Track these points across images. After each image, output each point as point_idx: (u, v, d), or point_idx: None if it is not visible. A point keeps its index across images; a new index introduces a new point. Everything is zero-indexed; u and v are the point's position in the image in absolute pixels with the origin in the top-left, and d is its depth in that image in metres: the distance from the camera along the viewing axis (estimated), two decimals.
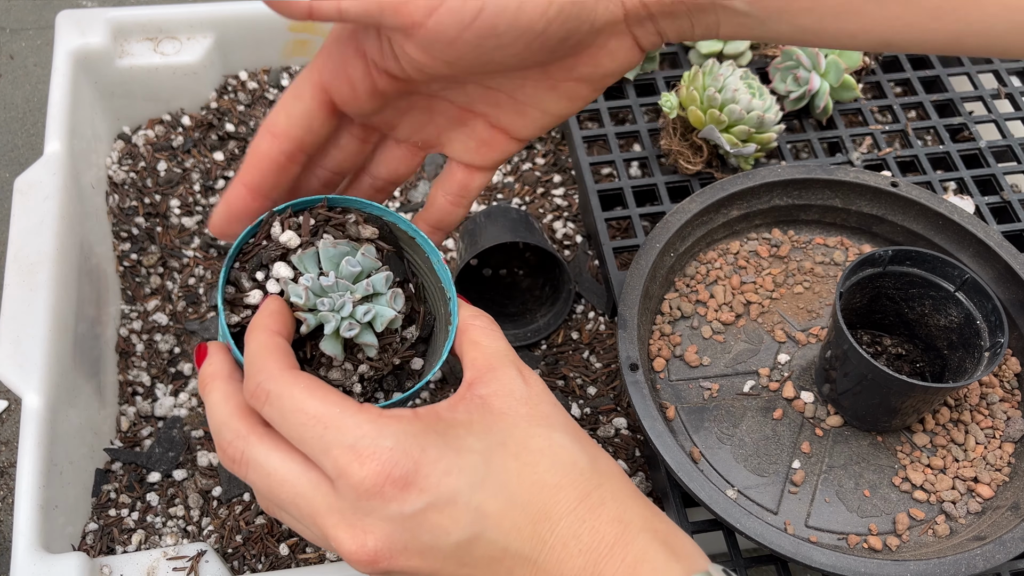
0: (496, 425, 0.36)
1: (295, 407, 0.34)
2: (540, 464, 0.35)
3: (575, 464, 0.35)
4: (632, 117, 0.70)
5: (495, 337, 0.39)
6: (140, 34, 0.72)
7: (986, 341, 0.50)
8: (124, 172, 0.71)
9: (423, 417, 0.35)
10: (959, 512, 0.51)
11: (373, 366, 0.40)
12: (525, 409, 0.37)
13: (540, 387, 0.38)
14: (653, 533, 0.34)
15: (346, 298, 0.38)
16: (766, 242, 0.62)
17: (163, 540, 0.55)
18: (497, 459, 0.35)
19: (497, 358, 0.38)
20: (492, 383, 0.37)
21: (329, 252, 0.39)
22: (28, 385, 0.52)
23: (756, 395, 0.55)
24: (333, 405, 0.34)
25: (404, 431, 0.34)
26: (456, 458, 0.34)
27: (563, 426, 0.37)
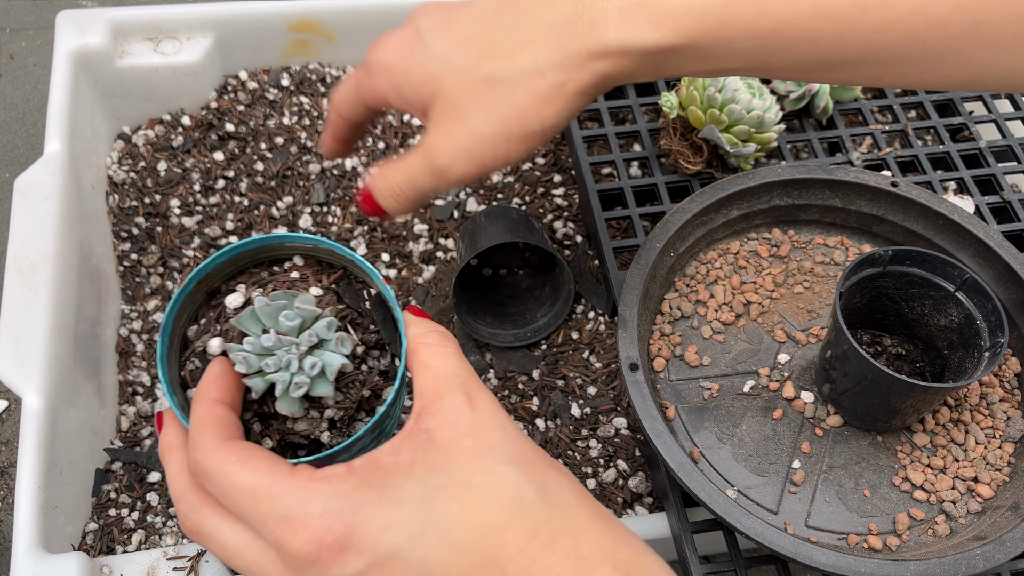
0: (439, 464, 0.34)
1: (228, 482, 0.33)
2: (483, 503, 0.33)
3: (521, 499, 0.34)
4: (632, 117, 0.70)
5: (446, 356, 0.38)
6: (140, 34, 0.72)
7: (986, 341, 0.50)
8: (124, 172, 0.71)
9: (358, 471, 0.34)
10: (959, 512, 0.51)
11: (340, 408, 0.39)
12: (470, 442, 0.35)
13: (488, 411, 0.36)
14: (614, 565, 0.33)
15: (291, 354, 0.37)
16: (766, 242, 0.62)
17: (163, 540, 0.55)
18: (438, 504, 0.33)
19: (445, 382, 0.37)
20: (438, 414, 0.36)
21: (265, 310, 0.37)
22: (28, 385, 0.52)
23: (756, 395, 0.55)
24: (264, 475, 0.33)
25: (334, 493, 0.33)
26: (393, 512, 0.32)
27: (510, 456, 0.35)
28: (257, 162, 0.72)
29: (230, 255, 0.40)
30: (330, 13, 0.75)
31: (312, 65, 0.78)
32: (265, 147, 0.73)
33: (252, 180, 0.71)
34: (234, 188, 0.71)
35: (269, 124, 0.74)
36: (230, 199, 0.70)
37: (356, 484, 0.33)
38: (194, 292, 0.39)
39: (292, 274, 0.41)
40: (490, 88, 0.40)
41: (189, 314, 0.40)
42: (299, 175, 0.72)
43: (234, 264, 0.40)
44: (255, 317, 0.38)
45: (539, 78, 0.40)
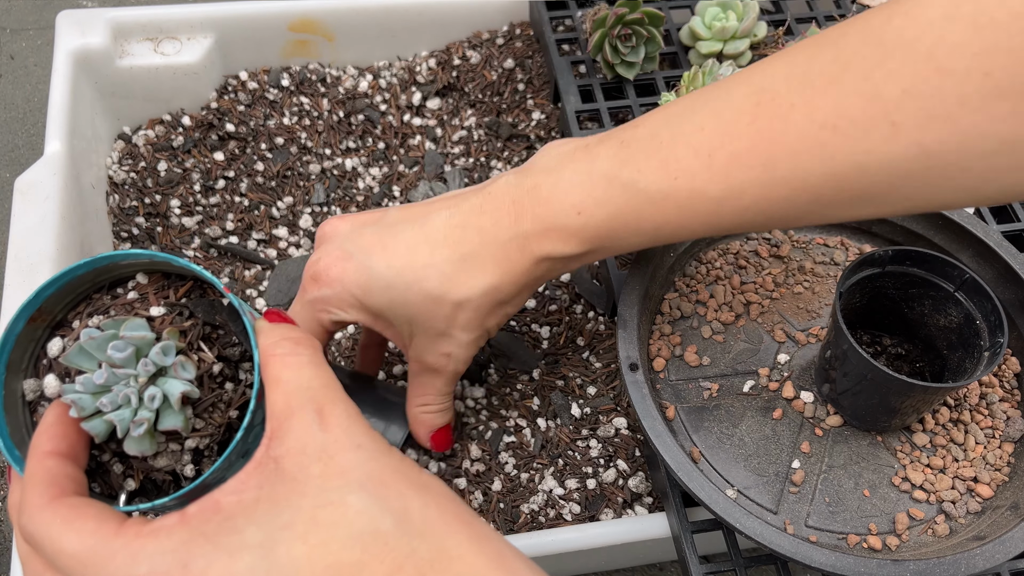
0: (284, 499, 0.31)
1: (55, 549, 0.31)
2: (333, 541, 0.30)
3: (376, 532, 0.30)
4: (632, 117, 0.70)
5: (298, 366, 0.35)
6: (140, 34, 0.72)
7: (986, 341, 0.50)
8: (124, 172, 0.71)
9: (191, 519, 0.31)
10: (959, 512, 0.51)
11: (203, 433, 0.35)
12: (318, 468, 0.32)
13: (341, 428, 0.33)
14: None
15: (129, 388, 0.33)
16: (766, 242, 0.62)
17: None
18: (281, 548, 0.30)
19: (296, 397, 0.34)
20: (287, 437, 0.33)
21: (91, 344, 0.34)
22: None
23: (756, 395, 0.55)
24: (88, 536, 0.31)
25: (161, 550, 0.30)
26: (229, 562, 0.30)
27: (361, 483, 0.32)
28: (257, 162, 0.72)
29: (62, 283, 0.36)
30: (330, 13, 0.75)
31: (312, 65, 0.78)
32: (265, 147, 0.73)
33: (252, 180, 0.72)
34: (234, 188, 0.71)
35: (269, 124, 0.74)
36: (230, 199, 0.70)
37: (186, 536, 0.30)
38: (29, 329, 0.36)
39: (130, 295, 0.37)
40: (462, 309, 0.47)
41: (30, 353, 0.36)
42: (299, 175, 0.72)
43: (72, 292, 0.37)
44: (84, 352, 0.34)
45: (497, 293, 0.47)
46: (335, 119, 0.75)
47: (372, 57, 0.79)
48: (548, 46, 0.73)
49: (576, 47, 0.76)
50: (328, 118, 0.75)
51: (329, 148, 0.74)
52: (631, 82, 0.72)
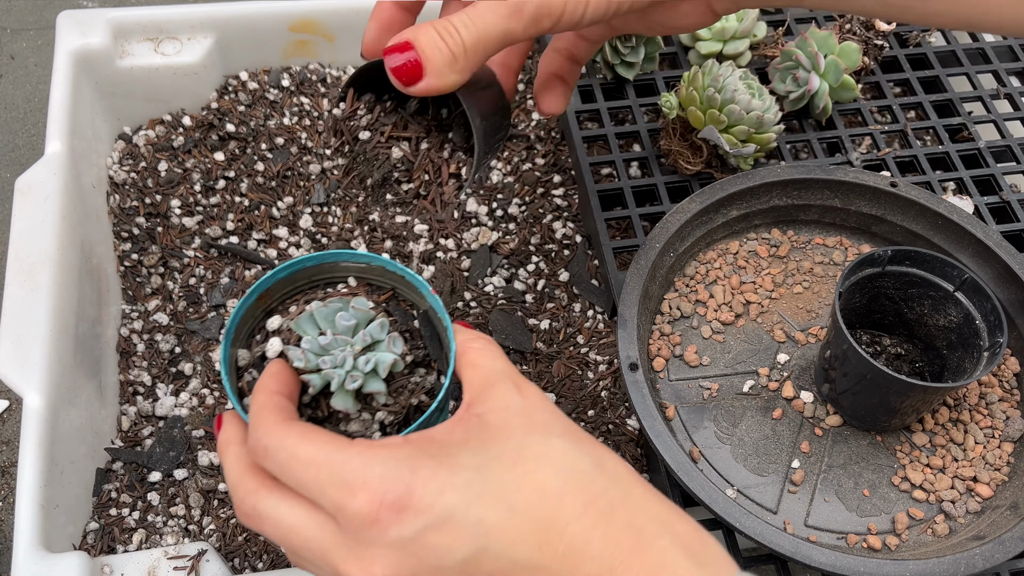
0: (491, 440, 0.35)
1: (290, 455, 0.35)
2: (539, 471, 0.34)
3: (576, 468, 0.34)
4: (632, 117, 0.70)
5: (493, 356, 0.39)
6: (140, 34, 0.72)
7: (985, 341, 0.50)
8: (125, 172, 0.71)
9: (414, 442, 0.35)
10: (958, 512, 0.51)
11: (390, 411, 0.40)
12: (521, 420, 0.36)
13: (537, 398, 0.38)
14: (672, 538, 0.33)
15: (346, 352, 0.39)
16: (765, 242, 0.62)
17: (164, 539, 0.55)
18: (493, 472, 0.34)
19: (494, 376, 0.38)
20: (488, 400, 0.37)
21: (322, 312, 0.40)
22: (29, 385, 0.52)
23: (756, 395, 0.56)
24: (324, 445, 0.35)
25: (392, 457, 0.34)
26: (449, 476, 0.33)
27: (562, 432, 0.36)
28: (257, 162, 0.73)
29: (288, 272, 0.42)
30: (330, 13, 0.75)
31: (312, 65, 0.78)
32: (265, 147, 0.73)
33: (252, 180, 0.72)
34: (234, 188, 0.71)
35: (269, 124, 0.74)
36: (230, 199, 0.70)
37: (413, 452, 0.34)
38: (253, 306, 0.42)
39: (342, 290, 0.43)
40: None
41: (248, 328, 0.42)
42: (299, 175, 0.72)
43: (291, 283, 0.43)
44: (312, 320, 0.40)
45: None
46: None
47: None
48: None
49: None
50: (328, 118, 0.75)
51: (329, 148, 0.74)
52: (631, 82, 0.72)
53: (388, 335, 0.40)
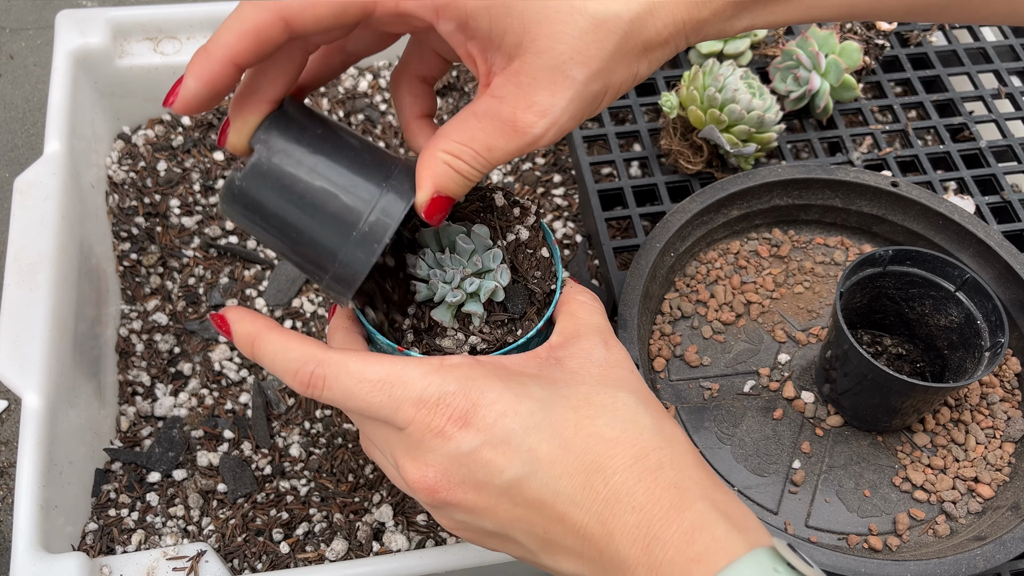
0: (562, 380, 0.37)
1: (359, 378, 0.36)
2: (600, 418, 0.35)
3: (636, 422, 0.35)
4: (632, 117, 0.70)
5: (592, 312, 0.41)
6: (140, 34, 0.72)
7: (986, 341, 0.50)
8: (124, 172, 0.71)
9: (485, 364, 0.37)
10: (959, 512, 0.51)
11: (484, 338, 0.42)
12: (598, 371, 0.37)
13: (621, 355, 0.39)
14: (712, 502, 0.33)
15: (457, 271, 0.41)
16: (766, 242, 0.62)
17: (163, 540, 0.55)
18: (557, 408, 0.35)
19: (586, 328, 0.40)
20: (572, 347, 0.39)
21: (448, 230, 0.42)
22: (28, 385, 0.52)
23: (756, 395, 0.55)
24: (393, 364, 0.36)
25: (465, 376, 0.35)
26: (514, 402, 0.35)
27: (633, 389, 0.37)
28: None
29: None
30: None
31: None
32: None
33: None
34: None
35: None
36: None
37: (484, 372, 0.36)
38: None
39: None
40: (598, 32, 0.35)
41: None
42: None
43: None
44: (435, 236, 0.43)
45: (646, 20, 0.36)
46: (335, 119, 0.75)
47: (372, 57, 0.79)
48: None
49: None
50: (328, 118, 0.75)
51: None
52: None
53: (499, 265, 0.42)
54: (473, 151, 0.36)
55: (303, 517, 0.55)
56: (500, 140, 0.36)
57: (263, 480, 0.57)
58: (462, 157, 0.36)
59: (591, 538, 0.34)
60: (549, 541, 0.35)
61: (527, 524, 0.35)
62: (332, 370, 0.36)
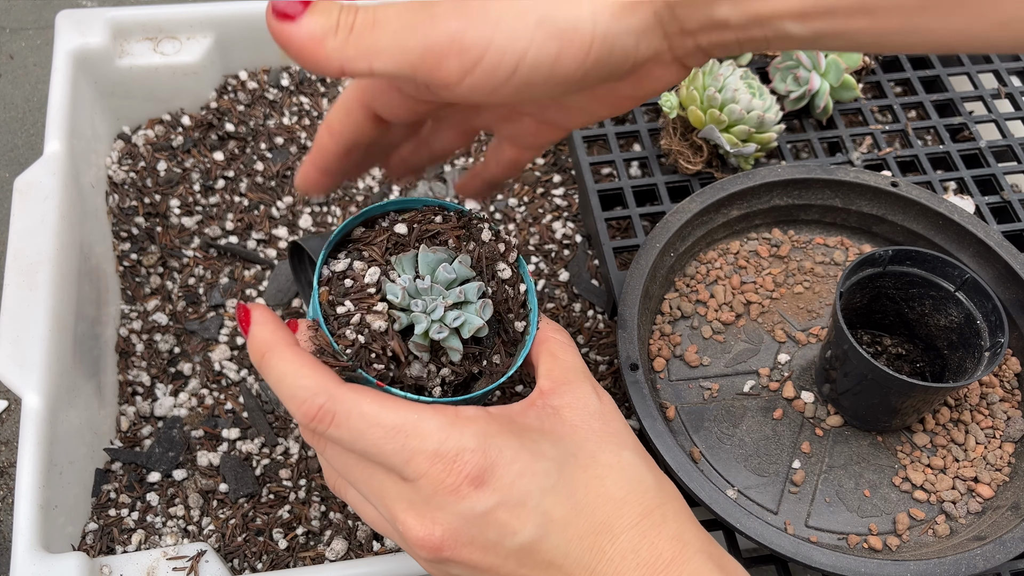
0: (568, 436, 0.37)
1: (372, 422, 0.35)
2: (608, 478, 0.36)
3: (642, 481, 0.36)
4: (632, 117, 0.70)
5: (572, 353, 0.41)
6: (140, 34, 0.72)
7: (986, 341, 0.50)
8: (124, 172, 0.71)
9: (497, 418, 0.36)
10: (959, 512, 0.51)
11: (455, 371, 0.41)
12: (598, 424, 0.38)
13: (612, 406, 0.39)
14: (708, 555, 0.35)
15: (438, 302, 0.40)
16: (766, 242, 0.62)
17: (163, 540, 0.55)
18: (568, 469, 0.36)
19: (574, 372, 0.40)
20: (567, 395, 0.38)
21: (428, 257, 0.41)
22: (28, 385, 0.52)
23: (756, 395, 0.55)
24: (410, 411, 0.35)
25: (483, 432, 0.35)
26: (531, 462, 0.35)
27: (633, 446, 0.38)
28: (257, 162, 0.72)
29: (398, 207, 0.44)
30: None
31: None
32: (265, 147, 0.73)
33: (252, 180, 0.71)
34: (234, 188, 0.71)
35: (269, 124, 0.74)
36: (230, 199, 0.70)
37: (499, 428, 0.35)
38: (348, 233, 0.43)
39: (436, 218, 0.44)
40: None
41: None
42: None
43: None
44: (413, 260, 0.41)
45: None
46: None
47: None
48: None
49: None
50: None
51: None
52: None
53: (480, 299, 0.41)
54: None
55: (303, 517, 0.55)
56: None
57: (264, 479, 0.57)
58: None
59: None
60: None
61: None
62: (344, 408, 0.35)
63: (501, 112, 0.43)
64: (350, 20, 0.33)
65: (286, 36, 0.32)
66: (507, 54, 0.32)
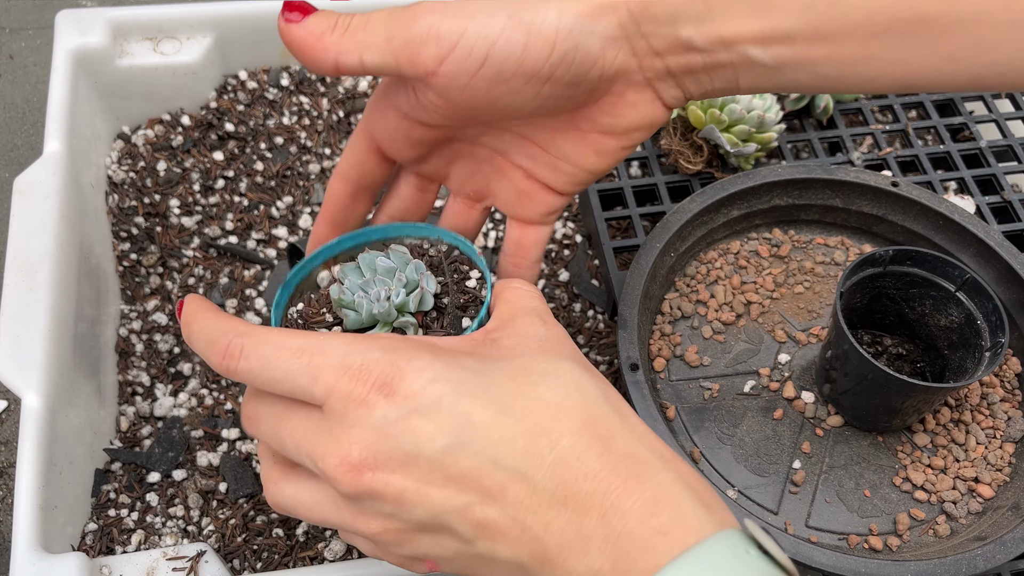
0: (499, 356, 0.34)
1: (279, 346, 0.33)
2: (541, 384, 0.32)
3: (581, 388, 0.33)
4: None
5: (528, 296, 0.39)
6: (140, 34, 0.72)
7: (987, 341, 0.50)
8: (124, 172, 0.71)
9: (412, 340, 0.35)
10: (960, 512, 0.51)
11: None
12: (536, 344, 0.35)
13: (562, 332, 0.37)
14: (676, 474, 0.30)
15: (383, 289, 0.41)
16: (766, 242, 0.62)
17: (163, 540, 0.55)
18: (493, 375, 0.33)
19: (523, 309, 0.38)
20: (508, 327, 0.37)
21: (365, 259, 0.43)
22: (27, 385, 0.52)
23: (756, 395, 0.55)
24: (317, 336, 0.34)
25: (391, 346, 0.33)
26: (445, 369, 0.32)
27: (575, 358, 0.35)
28: (257, 162, 0.72)
29: (353, 244, 0.45)
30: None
31: None
32: (265, 147, 0.73)
33: (252, 180, 0.71)
34: (234, 188, 0.71)
35: (269, 124, 0.74)
36: (230, 199, 0.70)
37: (412, 344, 0.34)
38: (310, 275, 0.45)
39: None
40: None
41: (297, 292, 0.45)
42: (299, 175, 0.72)
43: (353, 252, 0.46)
44: (357, 269, 0.43)
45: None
46: (335, 119, 0.75)
47: None
48: None
49: None
50: (328, 118, 0.75)
51: (329, 148, 0.74)
52: None
53: (422, 274, 0.42)
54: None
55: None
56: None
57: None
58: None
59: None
60: (486, 524, 0.31)
61: (461, 504, 0.31)
62: (252, 340, 0.34)
63: (496, 162, 0.44)
64: (347, 21, 0.37)
65: (291, 32, 0.37)
66: (479, 41, 0.35)
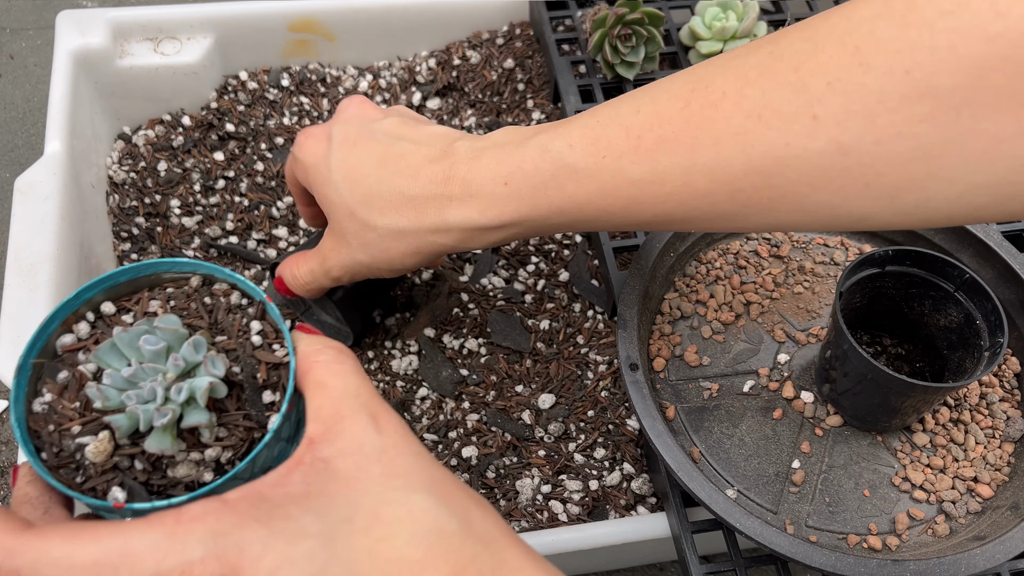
0: (341, 494, 0.30)
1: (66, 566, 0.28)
2: (398, 537, 0.29)
3: (442, 532, 0.30)
4: None
5: (344, 373, 0.34)
6: (140, 34, 0.72)
7: (986, 341, 0.50)
8: (124, 172, 0.71)
9: (236, 505, 0.29)
10: (959, 512, 0.51)
11: (224, 445, 0.34)
12: (378, 468, 0.31)
13: (398, 435, 0.33)
14: None
15: (156, 382, 0.33)
16: (766, 242, 0.62)
17: None
18: (342, 539, 0.29)
19: (346, 403, 0.33)
20: (338, 439, 0.32)
21: (124, 338, 0.33)
22: None
23: (756, 395, 0.55)
24: (112, 537, 0.28)
25: (212, 532, 0.28)
26: (287, 548, 0.28)
27: (426, 484, 0.31)
28: (257, 162, 0.72)
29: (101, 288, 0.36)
30: (330, 13, 0.75)
31: (312, 65, 0.78)
32: (265, 147, 0.73)
33: (252, 180, 0.71)
34: (234, 188, 0.71)
35: (269, 124, 0.74)
36: (230, 199, 0.70)
37: (237, 520, 0.29)
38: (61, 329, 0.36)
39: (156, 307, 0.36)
40: (367, 231, 0.47)
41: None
42: None
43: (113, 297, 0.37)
44: (115, 349, 0.34)
45: (401, 239, 0.47)
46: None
47: (372, 57, 0.79)
48: (548, 46, 0.73)
49: (576, 47, 0.76)
50: (328, 118, 0.75)
51: None
52: (631, 82, 0.72)
53: (205, 354, 0.34)
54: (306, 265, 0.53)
55: None
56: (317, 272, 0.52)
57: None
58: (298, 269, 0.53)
59: None
60: None
61: None
62: (28, 560, 0.28)
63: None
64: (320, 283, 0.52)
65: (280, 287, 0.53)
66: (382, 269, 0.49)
